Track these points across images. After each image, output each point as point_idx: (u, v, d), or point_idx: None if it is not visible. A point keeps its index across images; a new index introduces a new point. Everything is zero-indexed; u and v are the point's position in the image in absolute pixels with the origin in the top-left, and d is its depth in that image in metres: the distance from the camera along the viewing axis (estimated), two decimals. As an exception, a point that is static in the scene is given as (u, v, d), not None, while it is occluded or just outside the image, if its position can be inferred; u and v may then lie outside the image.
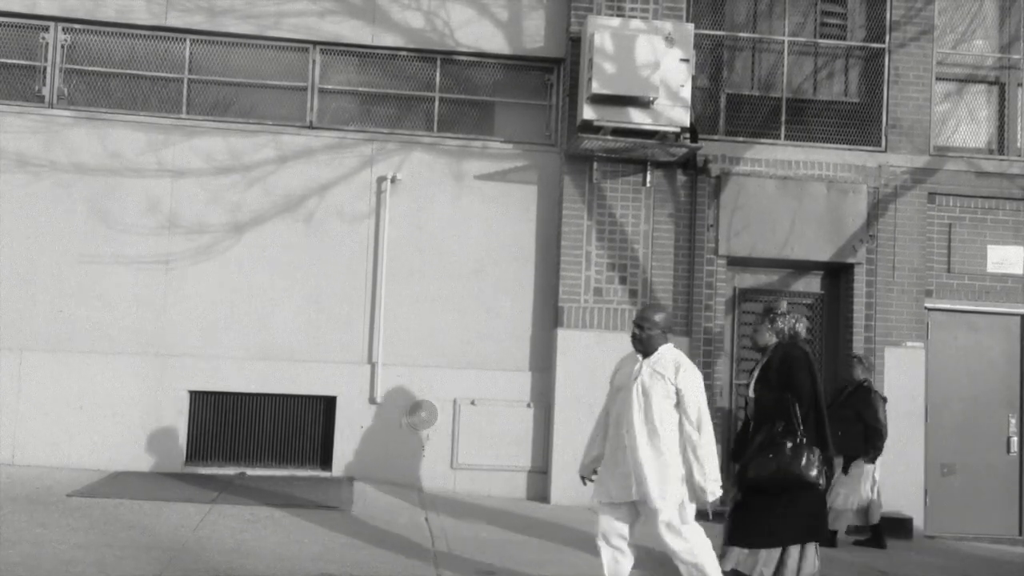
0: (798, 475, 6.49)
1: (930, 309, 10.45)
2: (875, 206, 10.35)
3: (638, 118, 9.48)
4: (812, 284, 10.57)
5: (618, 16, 9.89)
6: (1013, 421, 10.51)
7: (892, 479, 10.09)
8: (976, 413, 10.49)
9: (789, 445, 6.59)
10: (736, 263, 10.32)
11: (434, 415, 9.90)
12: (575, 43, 10.00)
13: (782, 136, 10.44)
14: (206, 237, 9.85)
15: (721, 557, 6.52)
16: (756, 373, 7.09)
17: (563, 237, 10.01)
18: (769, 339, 7.12)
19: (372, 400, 9.85)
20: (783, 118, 10.49)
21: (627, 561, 6.17)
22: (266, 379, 9.80)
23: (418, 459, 9.86)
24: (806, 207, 10.26)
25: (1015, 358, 10.59)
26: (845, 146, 10.45)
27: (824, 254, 10.26)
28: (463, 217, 10.14)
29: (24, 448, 9.44)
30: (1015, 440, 10.49)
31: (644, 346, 6.19)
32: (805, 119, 10.57)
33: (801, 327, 7.16)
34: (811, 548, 6.70)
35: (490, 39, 10.26)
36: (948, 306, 10.51)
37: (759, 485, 6.60)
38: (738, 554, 6.68)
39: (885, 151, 10.47)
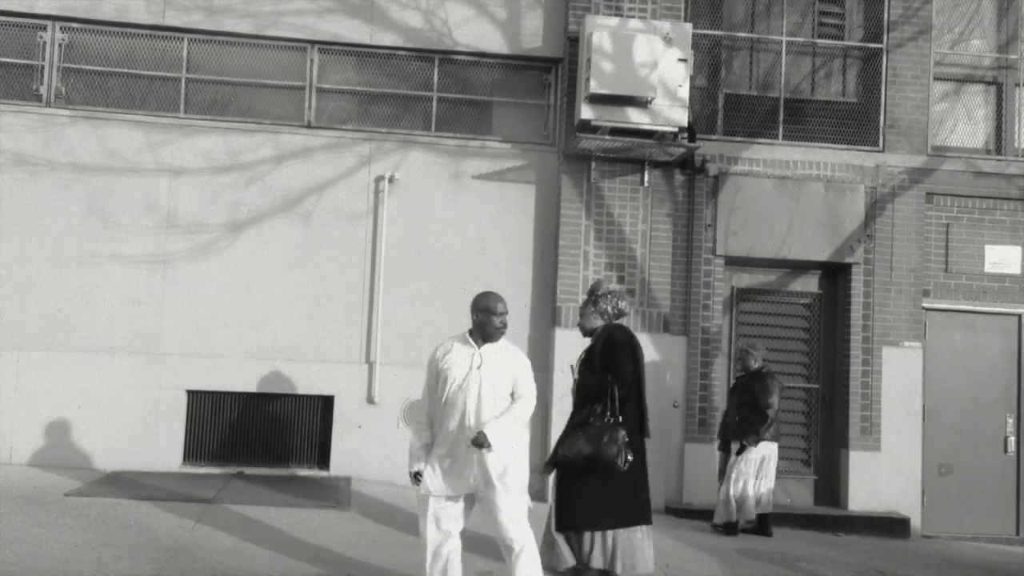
0: (602, 455, 6.50)
1: (928, 309, 10.46)
2: (873, 206, 10.35)
3: (636, 118, 9.49)
4: (810, 284, 10.57)
5: (616, 16, 9.90)
6: (1010, 421, 10.53)
7: (890, 479, 10.11)
8: (973, 413, 10.50)
9: (597, 424, 6.60)
10: (734, 263, 10.33)
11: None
12: (573, 43, 10.00)
13: (780, 136, 10.45)
14: (204, 236, 9.85)
15: (550, 546, 6.63)
16: (582, 356, 7.06)
17: (561, 237, 10.01)
18: (595, 322, 7.08)
19: (370, 400, 9.85)
20: (781, 118, 10.50)
21: (455, 545, 6.08)
22: (264, 379, 9.80)
23: (416, 459, 9.85)
24: (804, 207, 10.26)
25: (1012, 358, 10.60)
26: (843, 146, 10.46)
27: (822, 254, 10.27)
28: (461, 216, 10.14)
29: (21, 447, 9.43)
30: (1012, 440, 10.50)
31: (500, 334, 6.14)
32: (803, 119, 10.57)
33: (624, 304, 7.11)
34: (635, 534, 6.76)
35: (488, 38, 10.26)
36: (946, 306, 10.52)
37: (568, 464, 6.60)
38: (569, 544, 6.69)
39: (883, 151, 10.48)
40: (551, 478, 6.91)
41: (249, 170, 9.96)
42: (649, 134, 9.62)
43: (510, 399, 5.92)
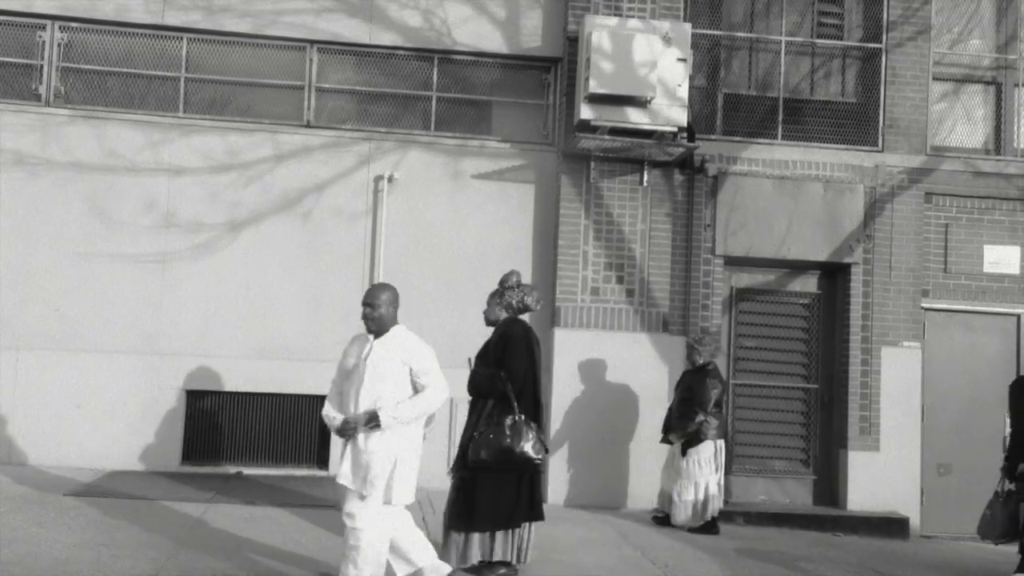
0: (519, 453, 6.49)
1: (927, 309, 10.46)
2: (872, 206, 10.35)
3: (635, 118, 9.49)
4: (809, 284, 10.57)
5: (616, 15, 9.90)
6: (1009, 421, 10.51)
7: (889, 479, 10.11)
8: (973, 413, 10.50)
9: (508, 423, 6.58)
10: (733, 263, 10.33)
11: (432, 415, 9.86)
12: (572, 42, 10.00)
13: (779, 136, 10.44)
14: (203, 235, 9.85)
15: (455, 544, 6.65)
16: (480, 349, 7.03)
17: (560, 236, 10.01)
18: (499, 314, 7.04)
19: (369, 399, 9.83)
20: (780, 118, 10.49)
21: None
22: (263, 378, 9.79)
23: (415, 458, 9.85)
24: (803, 207, 10.26)
25: (1011, 358, 10.60)
26: (842, 146, 10.46)
27: (821, 254, 10.27)
28: (460, 216, 10.13)
29: (21, 447, 9.43)
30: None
31: (376, 324, 6.06)
32: (802, 119, 10.57)
33: (531, 300, 7.06)
34: (529, 529, 6.78)
35: (488, 38, 10.26)
36: (945, 306, 10.52)
37: (482, 465, 6.58)
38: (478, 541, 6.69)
39: (882, 151, 10.48)
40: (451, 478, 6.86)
41: (248, 170, 9.96)
42: (648, 134, 9.62)
43: (413, 392, 5.92)
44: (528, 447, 6.52)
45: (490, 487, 6.61)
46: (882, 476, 10.09)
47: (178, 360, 9.68)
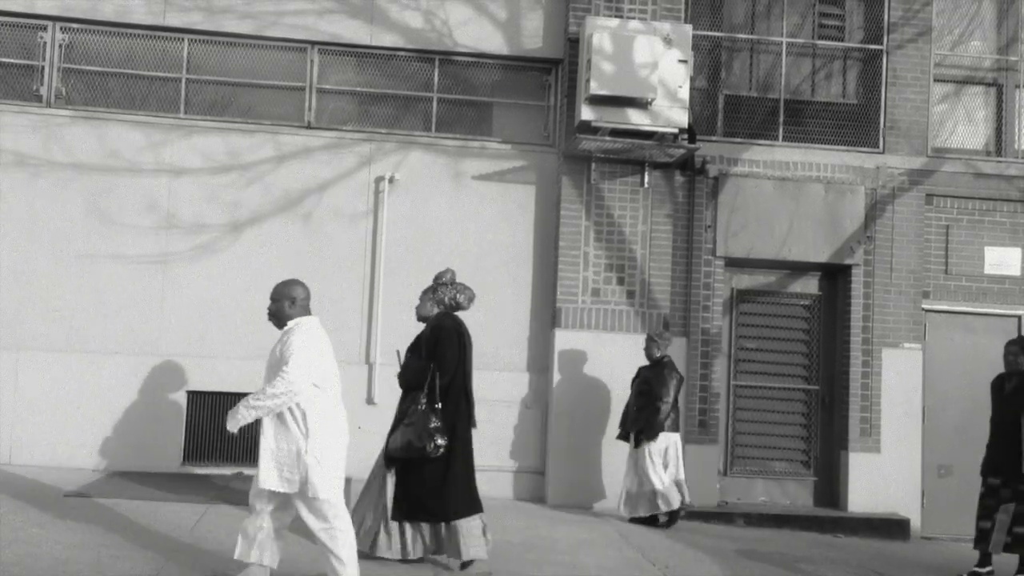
0: (415, 445, 6.53)
1: (927, 310, 10.46)
2: (873, 207, 10.35)
3: (636, 119, 9.49)
4: (810, 285, 10.57)
5: (616, 17, 9.90)
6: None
7: (890, 480, 10.11)
8: (973, 414, 10.45)
9: (414, 414, 6.61)
10: (734, 264, 10.33)
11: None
12: (573, 44, 10.00)
13: (780, 137, 10.45)
14: (204, 236, 9.85)
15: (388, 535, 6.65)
16: (411, 342, 7.04)
17: (561, 238, 10.01)
18: (431, 310, 7.08)
19: (370, 400, 9.85)
20: (781, 119, 10.50)
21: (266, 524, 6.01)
22: (261, 379, 9.76)
23: (415, 459, 9.85)
24: (804, 208, 10.26)
25: (1012, 359, 10.58)
26: (843, 147, 10.46)
27: (822, 255, 10.27)
28: (461, 217, 10.14)
29: (20, 448, 9.43)
30: (1012, 441, 10.47)
31: (275, 320, 6.07)
32: (803, 120, 10.57)
33: (463, 299, 7.10)
34: (470, 522, 6.75)
35: (488, 39, 10.26)
36: (945, 307, 10.52)
37: (395, 457, 6.63)
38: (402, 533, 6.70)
39: (883, 152, 10.48)
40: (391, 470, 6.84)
41: (249, 170, 9.96)
42: (649, 135, 9.62)
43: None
44: (423, 439, 6.52)
45: (417, 478, 6.64)
46: (883, 477, 10.08)
47: (179, 361, 9.68)
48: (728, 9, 10.63)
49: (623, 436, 9.27)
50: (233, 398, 9.71)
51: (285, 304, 6.09)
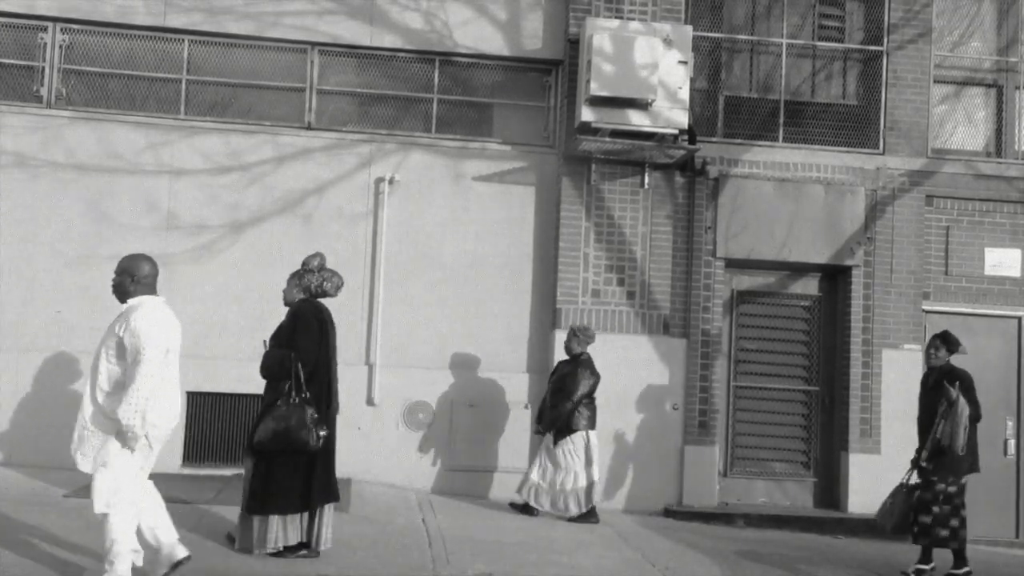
0: (293, 437, 6.46)
1: (927, 311, 10.46)
2: (873, 208, 10.35)
3: (636, 120, 9.49)
4: (810, 286, 10.57)
5: (616, 18, 9.90)
6: (1010, 424, 10.52)
7: (890, 481, 10.08)
8: (973, 415, 10.49)
9: (284, 407, 6.54)
10: (734, 265, 10.33)
11: (431, 416, 9.90)
12: (573, 45, 10.01)
13: (780, 138, 10.45)
14: (204, 237, 9.85)
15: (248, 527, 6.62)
16: (274, 331, 6.96)
17: (561, 239, 10.01)
18: (296, 296, 6.97)
19: (370, 401, 9.85)
20: (781, 120, 10.50)
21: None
22: (263, 380, 9.76)
23: (415, 460, 9.87)
24: (804, 209, 10.26)
25: (1012, 361, 10.60)
26: (843, 148, 10.46)
27: (822, 256, 10.27)
28: (461, 218, 10.14)
29: (21, 448, 9.42)
30: (1012, 443, 10.49)
31: (116, 294, 5.90)
32: (803, 121, 10.58)
33: (329, 286, 6.98)
34: (329, 510, 6.78)
35: (489, 40, 10.27)
36: (945, 308, 10.52)
37: (262, 448, 6.56)
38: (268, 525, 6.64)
39: (883, 153, 10.48)
40: (248, 461, 6.77)
41: (249, 171, 9.97)
42: (649, 136, 9.62)
43: (117, 363, 5.72)
44: (299, 433, 6.47)
45: (284, 469, 6.58)
46: (883, 478, 10.03)
47: (178, 361, 9.65)
48: (728, 10, 10.64)
49: (541, 432, 9.18)
50: (233, 399, 9.76)
51: (127, 280, 5.83)
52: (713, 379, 10.03)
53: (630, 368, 9.90)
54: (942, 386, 7.98)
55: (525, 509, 9.06)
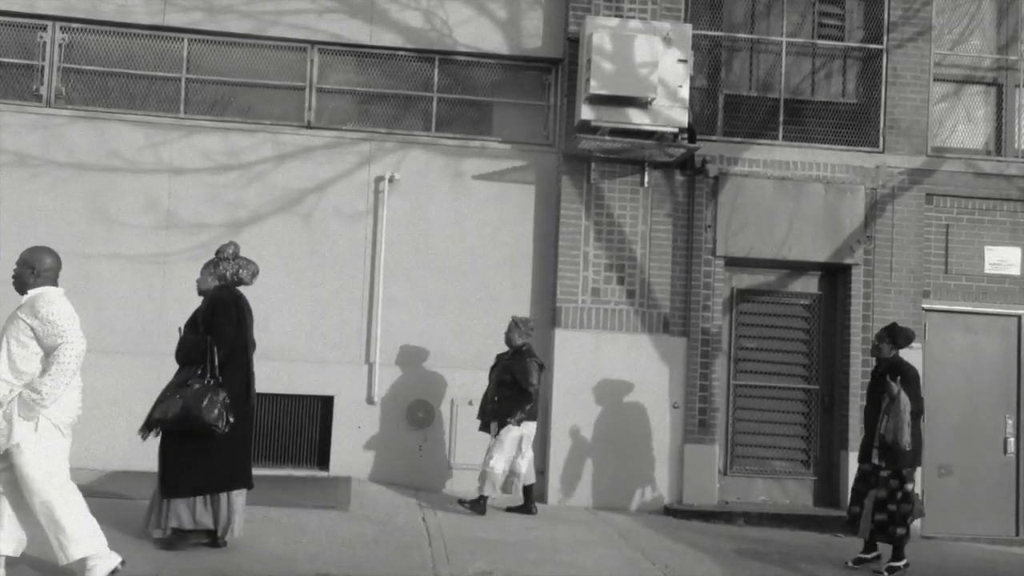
0: (198, 416, 6.44)
1: (927, 310, 10.46)
2: (873, 207, 10.35)
3: (636, 118, 9.48)
4: (810, 285, 10.57)
5: (616, 16, 9.90)
6: (1010, 422, 10.52)
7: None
8: (973, 414, 10.50)
9: (196, 386, 6.54)
10: (734, 263, 10.33)
11: (431, 415, 9.90)
12: (573, 43, 10.00)
13: (780, 137, 10.44)
14: (204, 235, 9.84)
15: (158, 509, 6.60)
16: (189, 317, 6.96)
17: (561, 237, 10.01)
18: (211, 284, 6.95)
19: (370, 400, 9.85)
20: (781, 119, 10.49)
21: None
22: (263, 379, 9.70)
23: (415, 459, 9.87)
24: (804, 208, 10.26)
25: (1012, 359, 10.59)
26: (843, 147, 10.46)
27: (822, 255, 10.27)
28: (461, 217, 10.13)
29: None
30: (1012, 441, 10.49)
31: (16, 285, 5.92)
32: (803, 120, 10.57)
33: (245, 274, 6.98)
34: (238, 498, 6.75)
35: (488, 39, 10.26)
36: (945, 307, 10.52)
37: (167, 427, 6.54)
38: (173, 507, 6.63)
39: (883, 152, 10.48)
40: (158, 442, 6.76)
41: (249, 170, 9.96)
42: (649, 135, 9.62)
43: (30, 354, 5.72)
44: (209, 414, 6.46)
45: (186, 452, 6.56)
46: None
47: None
48: (728, 8, 10.63)
49: (485, 427, 9.07)
50: (233, 398, 9.73)
51: (27, 272, 5.88)
52: (713, 378, 10.03)
53: (630, 367, 9.90)
54: (886, 378, 7.99)
55: (475, 505, 8.83)
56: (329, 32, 10.08)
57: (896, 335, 8.24)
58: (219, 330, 6.69)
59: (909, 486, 7.98)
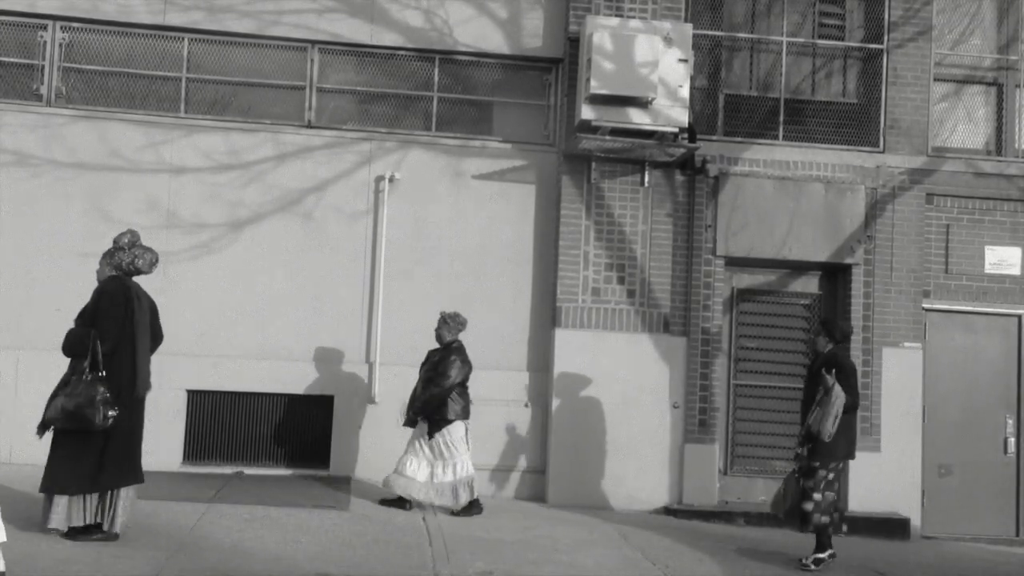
0: (74, 412, 6.39)
1: (928, 310, 10.46)
2: (873, 207, 10.35)
3: (636, 118, 9.48)
4: (810, 284, 10.57)
5: (617, 16, 9.90)
6: (1010, 422, 10.52)
7: (890, 479, 10.11)
8: (973, 414, 10.50)
9: (75, 381, 6.47)
10: (734, 263, 10.33)
11: (432, 414, 9.88)
12: (574, 43, 10.00)
13: (780, 136, 10.44)
14: (204, 235, 9.85)
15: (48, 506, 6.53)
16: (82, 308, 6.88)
17: (561, 237, 10.01)
18: (107, 273, 6.88)
19: (370, 399, 9.85)
20: (781, 118, 10.49)
21: None
22: (264, 378, 9.80)
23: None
24: (804, 207, 10.26)
25: (1012, 359, 10.59)
26: (843, 146, 10.45)
27: (822, 254, 10.26)
28: (461, 216, 10.14)
29: (21, 447, 9.40)
30: (1012, 441, 10.49)
31: None
32: (803, 119, 10.57)
33: (142, 263, 6.90)
34: (126, 492, 6.71)
35: (489, 38, 10.26)
36: (946, 307, 10.51)
37: (55, 425, 6.50)
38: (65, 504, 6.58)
39: (883, 152, 10.48)
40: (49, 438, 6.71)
41: (249, 169, 9.96)
42: (649, 134, 9.62)
43: None
44: (87, 410, 6.40)
45: (70, 448, 6.52)
46: (883, 476, 10.08)
47: (178, 360, 9.68)
48: (728, 8, 10.63)
49: (410, 422, 8.91)
50: (233, 397, 9.77)
51: None
52: (713, 377, 10.04)
53: (630, 366, 9.90)
54: (821, 371, 7.98)
55: (398, 503, 8.73)
56: (329, 32, 10.09)
57: (832, 329, 8.28)
58: (102, 322, 6.60)
59: (832, 476, 7.98)
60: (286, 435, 9.92)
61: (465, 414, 8.81)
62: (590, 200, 10.05)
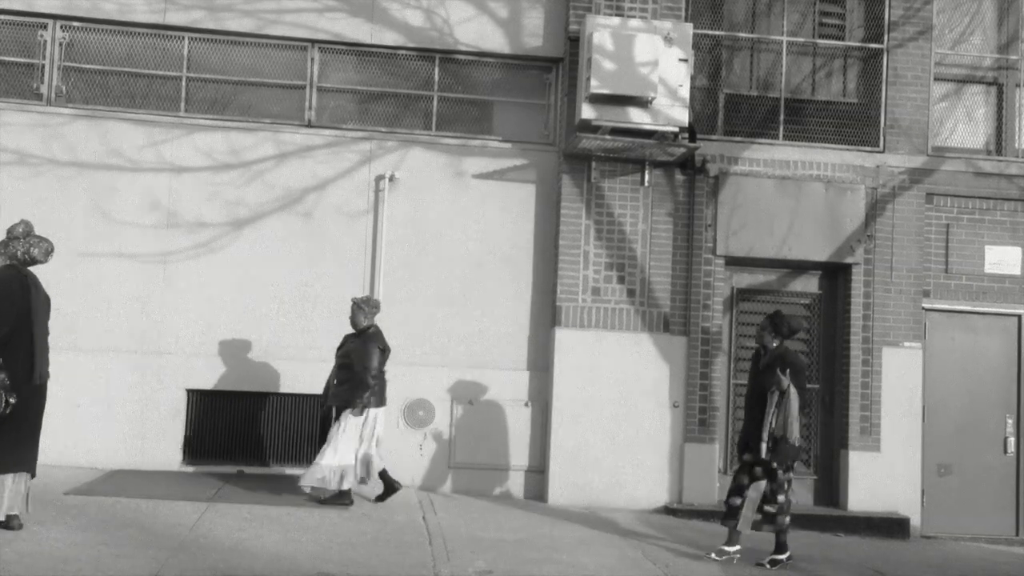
0: None
1: (928, 309, 10.46)
2: (873, 206, 10.35)
3: (637, 118, 9.48)
4: (810, 284, 10.57)
5: (617, 15, 9.89)
6: (1010, 421, 10.52)
7: (890, 479, 10.11)
8: (973, 413, 10.50)
9: None
10: (734, 263, 10.33)
11: (431, 414, 9.90)
12: (574, 42, 10.00)
13: (780, 136, 10.44)
14: (204, 234, 9.85)
15: None
16: None
17: (561, 236, 10.01)
18: (4, 262, 6.83)
19: (370, 399, 9.84)
20: (781, 118, 10.49)
21: None
22: (264, 378, 9.80)
23: (415, 458, 9.86)
24: (804, 207, 10.26)
25: (1012, 359, 10.59)
26: (843, 146, 10.45)
27: (822, 254, 10.27)
28: (461, 216, 10.14)
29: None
30: (1012, 440, 10.49)
31: None
32: (803, 119, 10.57)
33: (38, 252, 6.86)
34: (17, 480, 6.67)
35: (489, 38, 10.26)
36: (946, 306, 10.51)
37: None
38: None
39: (883, 151, 10.48)
40: None
41: (250, 169, 9.96)
42: (650, 134, 9.62)
43: None
44: None
45: None
46: (883, 476, 10.08)
47: (179, 359, 9.68)
48: (728, 8, 10.63)
49: (329, 410, 8.80)
50: (233, 396, 9.77)
51: None
52: (713, 377, 10.04)
53: (630, 366, 9.90)
54: (773, 370, 7.78)
55: (342, 496, 8.53)
56: (330, 31, 10.09)
57: (779, 324, 8.02)
58: None
59: (791, 476, 7.91)
60: (286, 435, 9.91)
61: (380, 401, 8.62)
62: (590, 199, 10.05)
